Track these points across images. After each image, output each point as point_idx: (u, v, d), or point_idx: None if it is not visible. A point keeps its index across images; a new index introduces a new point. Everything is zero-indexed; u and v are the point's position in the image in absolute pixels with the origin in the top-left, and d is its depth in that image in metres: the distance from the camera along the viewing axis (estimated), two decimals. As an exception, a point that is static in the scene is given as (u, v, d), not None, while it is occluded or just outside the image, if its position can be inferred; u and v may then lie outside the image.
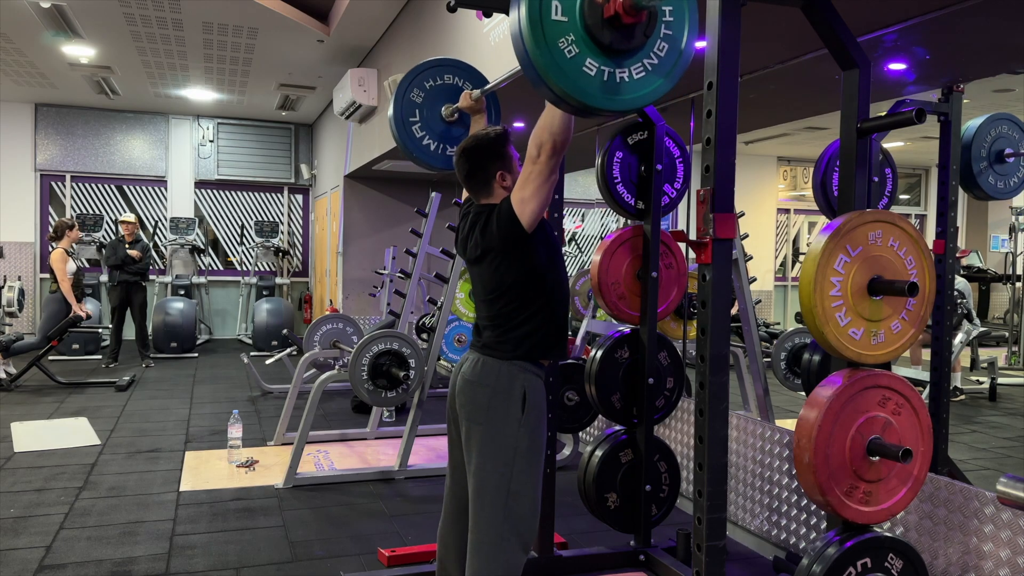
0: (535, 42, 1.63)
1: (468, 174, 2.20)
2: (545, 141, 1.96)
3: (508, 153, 2.20)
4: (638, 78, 1.74)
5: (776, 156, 9.72)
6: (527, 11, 1.63)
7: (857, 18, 2.51)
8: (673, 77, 1.78)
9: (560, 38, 1.65)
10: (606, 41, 1.68)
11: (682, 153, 3.12)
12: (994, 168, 3.25)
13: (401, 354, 4.14)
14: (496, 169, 2.17)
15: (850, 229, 1.87)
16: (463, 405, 2.18)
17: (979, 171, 3.23)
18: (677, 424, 3.82)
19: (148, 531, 3.43)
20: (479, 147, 2.19)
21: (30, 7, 5.79)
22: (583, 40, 1.67)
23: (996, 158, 3.25)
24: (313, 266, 10.71)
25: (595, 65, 1.68)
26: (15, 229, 9.51)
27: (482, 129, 2.25)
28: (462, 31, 4.55)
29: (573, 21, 1.66)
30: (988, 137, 3.25)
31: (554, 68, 1.65)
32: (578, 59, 1.67)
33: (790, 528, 3.07)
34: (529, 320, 2.14)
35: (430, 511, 3.72)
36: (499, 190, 2.18)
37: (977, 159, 3.23)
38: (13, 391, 6.52)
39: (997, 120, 3.28)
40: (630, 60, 1.72)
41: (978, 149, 3.23)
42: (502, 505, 2.09)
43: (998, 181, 3.28)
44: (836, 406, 1.87)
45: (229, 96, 8.87)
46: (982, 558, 2.29)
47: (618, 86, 1.72)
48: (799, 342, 4.20)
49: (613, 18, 1.67)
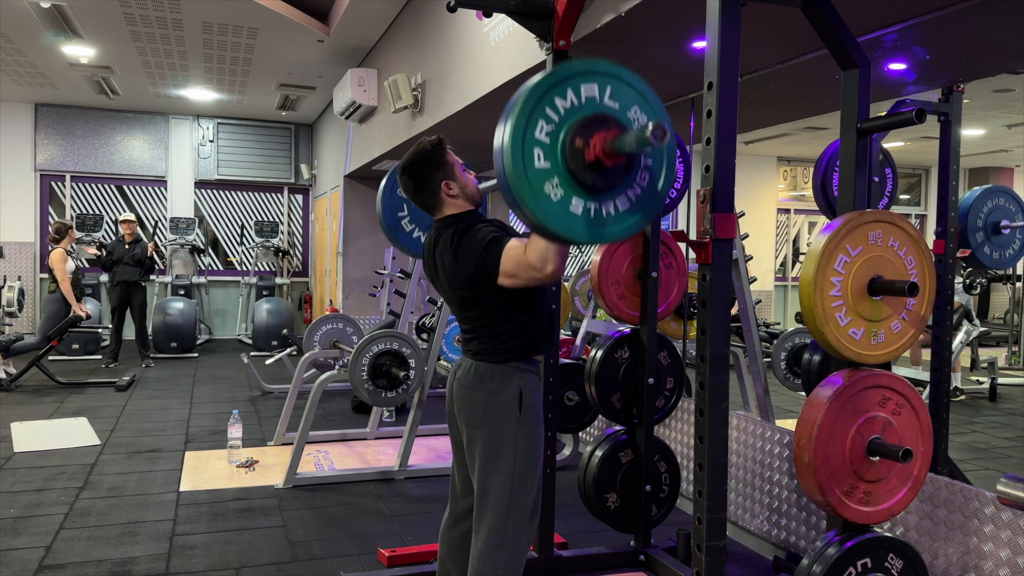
0: (521, 190, 1.68)
1: (414, 191, 2.20)
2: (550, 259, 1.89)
3: (447, 161, 2.18)
4: (623, 211, 1.78)
5: (776, 156, 9.72)
6: (512, 162, 1.67)
7: (857, 18, 2.51)
8: (653, 210, 1.84)
9: (545, 183, 1.70)
10: (590, 183, 1.73)
11: (682, 153, 3.12)
12: (991, 240, 3.28)
13: (401, 354, 4.14)
14: (439, 179, 2.16)
15: (850, 229, 1.87)
16: (461, 411, 2.19)
17: (976, 244, 3.27)
18: (677, 424, 3.82)
19: (148, 531, 3.43)
20: (417, 161, 2.17)
21: (30, 7, 5.79)
22: (567, 182, 1.72)
23: (992, 230, 3.28)
24: (313, 266, 10.71)
25: (580, 203, 1.73)
26: (15, 229, 9.51)
27: (418, 142, 2.24)
28: (462, 31, 4.55)
29: (556, 166, 1.71)
30: (984, 209, 3.27)
31: (543, 212, 1.70)
32: (564, 200, 1.72)
33: (790, 528, 3.07)
34: (512, 325, 2.12)
35: (430, 511, 3.72)
36: (447, 199, 2.17)
37: (973, 231, 3.26)
38: (13, 391, 6.52)
39: (992, 193, 3.32)
40: (613, 193, 1.77)
41: (974, 221, 3.26)
42: (506, 507, 2.09)
43: (994, 252, 3.32)
44: (836, 406, 1.87)
45: (229, 96, 8.87)
46: (982, 558, 2.29)
47: (603, 220, 1.76)
48: (799, 342, 4.20)
49: (595, 163, 1.71)
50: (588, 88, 1.74)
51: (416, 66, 5.49)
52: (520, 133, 1.68)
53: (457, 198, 2.18)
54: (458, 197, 2.18)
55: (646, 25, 2.91)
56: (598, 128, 1.71)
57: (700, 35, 2.91)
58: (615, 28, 2.93)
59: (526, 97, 1.69)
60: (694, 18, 2.71)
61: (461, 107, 4.56)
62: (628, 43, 3.13)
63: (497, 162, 1.71)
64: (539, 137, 1.70)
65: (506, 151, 1.67)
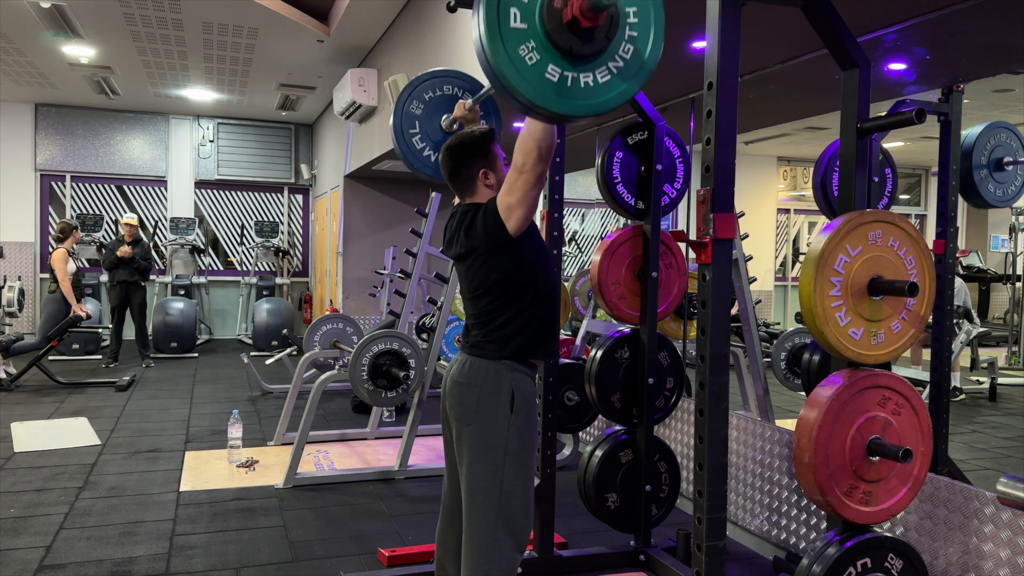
0: (494, 51, 1.61)
1: (452, 172, 2.21)
2: (530, 149, 1.95)
3: (492, 151, 2.20)
4: (603, 82, 1.71)
5: (776, 156, 9.72)
6: (485, 19, 1.61)
7: (857, 18, 2.51)
8: (639, 79, 1.75)
9: (520, 45, 1.63)
10: (566, 46, 1.65)
11: (682, 153, 3.12)
12: (994, 176, 3.27)
13: (401, 354, 4.14)
14: (479, 167, 2.18)
15: (850, 229, 1.87)
16: (452, 407, 2.19)
17: (979, 179, 3.25)
18: (677, 424, 3.82)
19: (148, 531, 3.43)
20: (463, 145, 2.20)
21: (30, 7, 5.79)
22: (544, 46, 1.64)
23: (995, 166, 3.26)
24: (313, 266, 10.71)
25: (557, 71, 1.66)
26: (15, 229, 9.51)
27: (469, 128, 2.25)
28: (462, 31, 4.55)
29: (533, 27, 1.64)
30: (987, 145, 3.26)
31: (516, 76, 1.63)
32: (539, 65, 1.65)
33: (790, 528, 3.07)
34: (515, 319, 2.14)
35: (430, 511, 3.72)
36: (483, 188, 2.19)
37: (977, 167, 3.25)
38: (13, 391, 6.52)
39: (995, 129, 3.29)
40: (593, 64, 1.69)
41: (978, 157, 3.25)
42: (494, 506, 2.09)
43: (997, 189, 3.30)
44: (836, 406, 1.87)
45: (229, 96, 8.87)
46: (982, 558, 2.29)
47: (582, 91, 1.69)
48: (799, 342, 4.20)
49: (572, 22, 1.64)
50: None
51: (416, 66, 5.49)
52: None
53: (492, 188, 2.18)
54: (492, 188, 2.18)
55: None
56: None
57: (700, 35, 2.91)
58: (615, 28, 2.92)
59: None
60: (694, 18, 2.72)
61: (461, 107, 4.55)
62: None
63: (474, 25, 1.65)
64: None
65: (482, 8, 1.61)
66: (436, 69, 2.90)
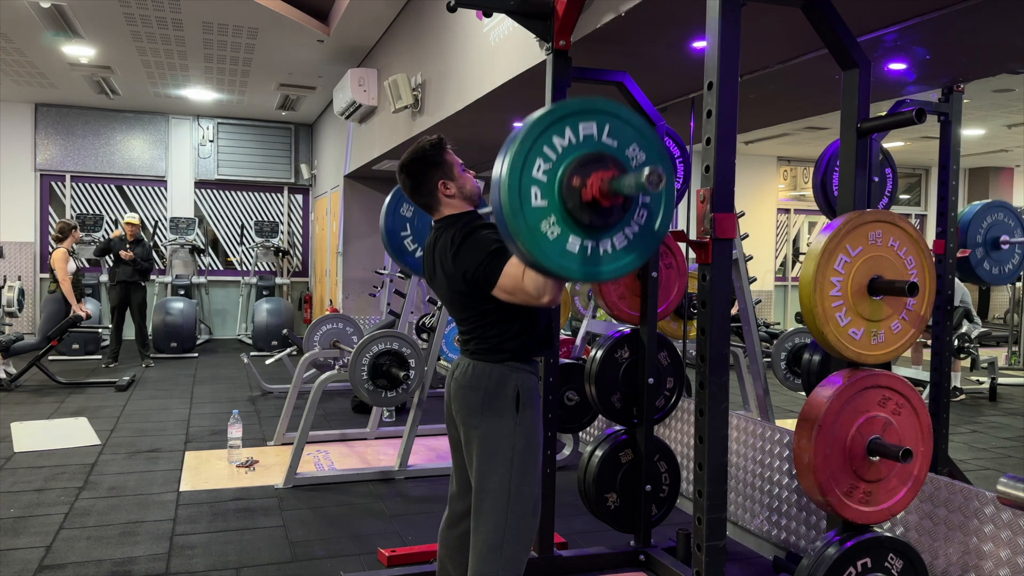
0: (518, 229, 1.67)
1: (412, 189, 2.21)
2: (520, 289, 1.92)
3: (446, 160, 2.19)
4: (620, 249, 1.77)
5: (776, 156, 9.72)
6: (508, 200, 1.67)
7: (857, 18, 2.51)
8: (646, 253, 1.82)
9: (542, 221, 1.69)
10: (586, 221, 1.72)
11: (682, 153, 3.12)
12: (990, 255, 3.29)
13: (401, 354, 4.14)
14: (437, 179, 2.17)
15: (850, 229, 1.87)
16: (458, 411, 2.19)
17: (976, 261, 3.28)
18: (677, 424, 3.82)
19: (148, 531, 3.43)
20: (416, 160, 2.18)
21: (30, 7, 5.79)
22: (564, 221, 1.71)
23: (992, 245, 3.28)
24: (313, 266, 10.71)
25: (578, 242, 1.73)
26: (15, 229, 9.51)
27: (418, 140, 2.24)
28: (462, 31, 4.55)
29: (553, 204, 1.70)
30: (983, 225, 3.28)
31: (539, 250, 1.69)
32: (561, 238, 1.71)
33: (790, 528, 3.07)
34: (510, 327, 2.13)
35: (430, 511, 3.71)
36: (444, 199, 2.18)
37: (973, 246, 3.26)
38: (13, 391, 6.52)
39: (991, 208, 3.32)
40: (604, 236, 1.76)
41: (973, 237, 3.27)
42: (504, 507, 2.09)
43: (994, 268, 3.32)
44: (836, 406, 1.87)
45: (229, 96, 8.87)
46: (982, 558, 2.29)
47: (600, 259, 1.76)
48: (799, 342, 4.21)
49: (592, 202, 1.70)
50: (586, 126, 1.73)
51: (416, 66, 5.49)
52: (517, 171, 1.68)
53: (454, 198, 2.18)
54: (455, 197, 2.18)
55: (646, 25, 2.91)
56: (596, 167, 1.70)
57: (700, 35, 2.91)
58: (615, 28, 2.93)
59: (524, 135, 1.69)
60: (694, 18, 2.72)
61: (461, 107, 4.56)
62: (628, 43, 3.13)
63: (494, 194, 1.71)
64: (536, 176, 1.69)
65: (503, 187, 1.67)
66: None
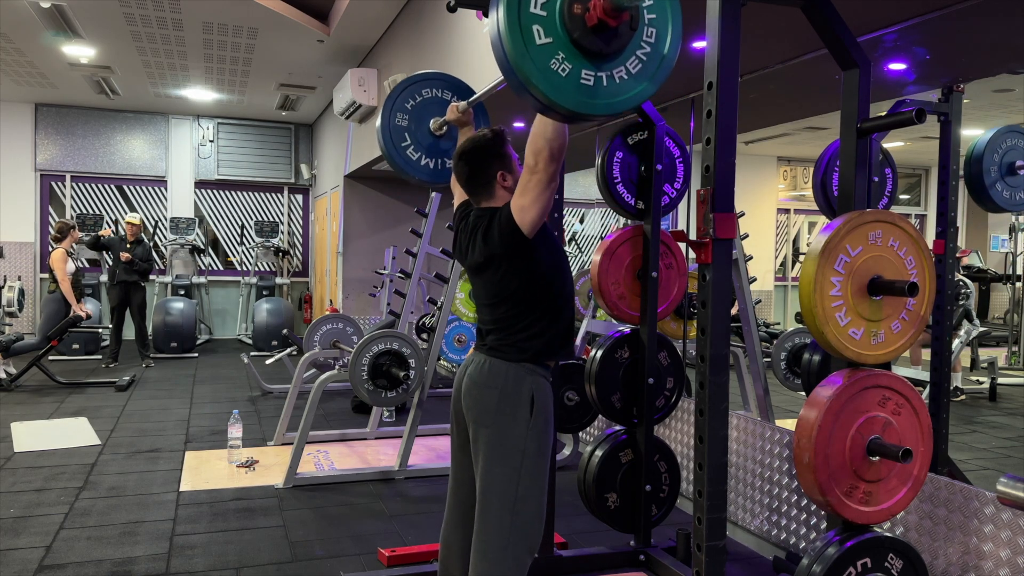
0: (528, 72, 1.61)
1: (469, 177, 2.18)
2: (541, 148, 1.92)
3: (507, 153, 2.18)
4: (635, 74, 1.72)
5: (776, 156, 9.72)
6: (512, 44, 1.61)
7: (857, 18, 2.51)
8: (658, 79, 1.76)
9: (551, 59, 1.64)
10: (595, 48, 1.66)
11: (682, 153, 3.12)
12: (1005, 180, 3.26)
13: (401, 354, 4.14)
14: (496, 170, 2.15)
15: (850, 229, 1.87)
16: (470, 408, 2.16)
17: (990, 183, 3.24)
18: (677, 424, 3.82)
19: (148, 531, 3.43)
20: (477, 149, 2.17)
21: (30, 7, 5.79)
22: (574, 55, 1.65)
23: (1007, 170, 3.26)
24: (313, 266, 10.71)
25: (591, 75, 1.67)
26: (15, 229, 9.51)
27: (477, 131, 2.23)
28: (462, 31, 4.55)
29: (559, 39, 1.65)
30: (999, 150, 3.25)
31: (554, 90, 1.64)
32: (573, 74, 1.66)
33: (790, 528, 3.07)
34: (535, 323, 2.12)
35: (430, 511, 3.72)
36: (501, 191, 2.16)
37: (988, 171, 3.24)
38: (13, 391, 6.52)
39: (1008, 133, 3.29)
40: (614, 63, 1.70)
41: (989, 162, 3.24)
42: (509, 509, 2.07)
43: (1009, 192, 3.29)
44: (836, 406, 1.87)
45: (229, 96, 8.87)
46: (982, 558, 2.29)
47: (617, 88, 1.70)
48: (799, 342, 4.20)
49: (598, 25, 1.65)
50: None
51: (416, 66, 5.49)
52: (515, 12, 1.61)
53: (510, 191, 2.15)
54: (510, 190, 2.15)
55: (646, 25, 2.90)
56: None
57: (700, 35, 2.91)
58: (615, 28, 2.92)
59: None
60: (694, 18, 2.71)
61: (461, 107, 4.55)
62: (628, 43, 3.12)
63: (496, 48, 1.65)
64: (535, 11, 1.62)
65: (504, 34, 1.61)
66: (414, 75, 2.90)
